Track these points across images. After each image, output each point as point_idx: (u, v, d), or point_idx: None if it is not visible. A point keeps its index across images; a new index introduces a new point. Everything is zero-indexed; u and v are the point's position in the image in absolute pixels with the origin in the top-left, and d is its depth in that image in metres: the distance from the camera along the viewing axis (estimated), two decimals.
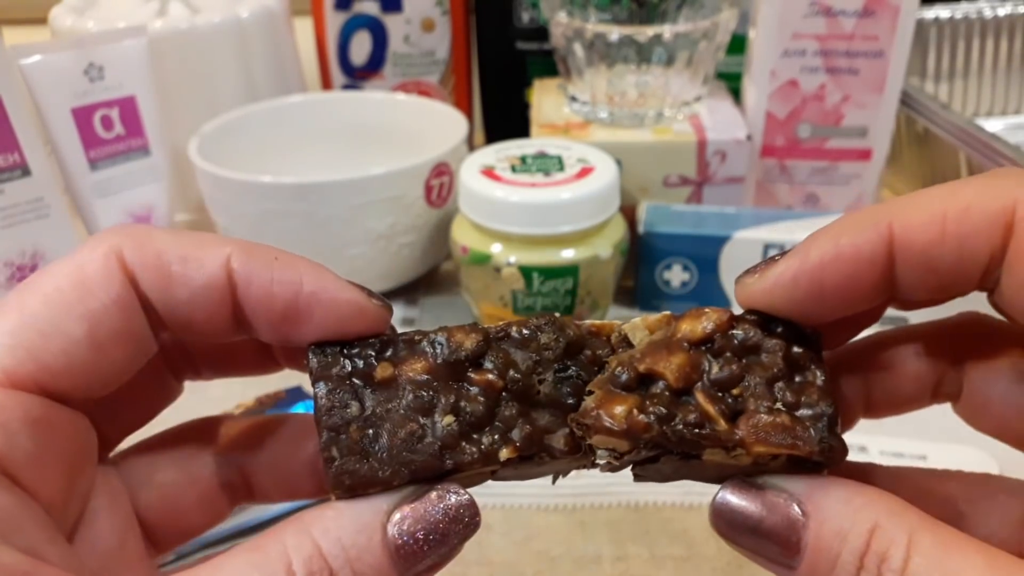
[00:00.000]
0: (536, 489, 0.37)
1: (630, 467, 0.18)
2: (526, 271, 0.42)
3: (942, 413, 0.22)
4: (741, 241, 0.46)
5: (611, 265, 0.44)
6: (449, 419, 0.17)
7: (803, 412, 0.17)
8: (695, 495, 0.36)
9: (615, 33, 0.48)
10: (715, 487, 0.18)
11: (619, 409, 0.17)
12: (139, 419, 0.20)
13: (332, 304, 0.17)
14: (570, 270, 0.42)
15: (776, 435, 0.16)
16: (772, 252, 0.46)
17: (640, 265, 0.48)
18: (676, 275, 0.48)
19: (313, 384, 0.17)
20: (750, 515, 0.17)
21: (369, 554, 0.16)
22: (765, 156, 0.53)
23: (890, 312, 0.20)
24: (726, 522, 0.17)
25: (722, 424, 0.16)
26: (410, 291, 0.52)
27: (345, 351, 0.18)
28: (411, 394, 0.17)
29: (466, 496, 0.17)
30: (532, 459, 0.17)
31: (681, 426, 0.16)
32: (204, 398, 0.26)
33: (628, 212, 0.48)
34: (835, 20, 0.49)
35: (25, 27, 0.69)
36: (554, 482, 0.20)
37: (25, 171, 0.47)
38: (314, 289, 0.17)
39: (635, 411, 0.16)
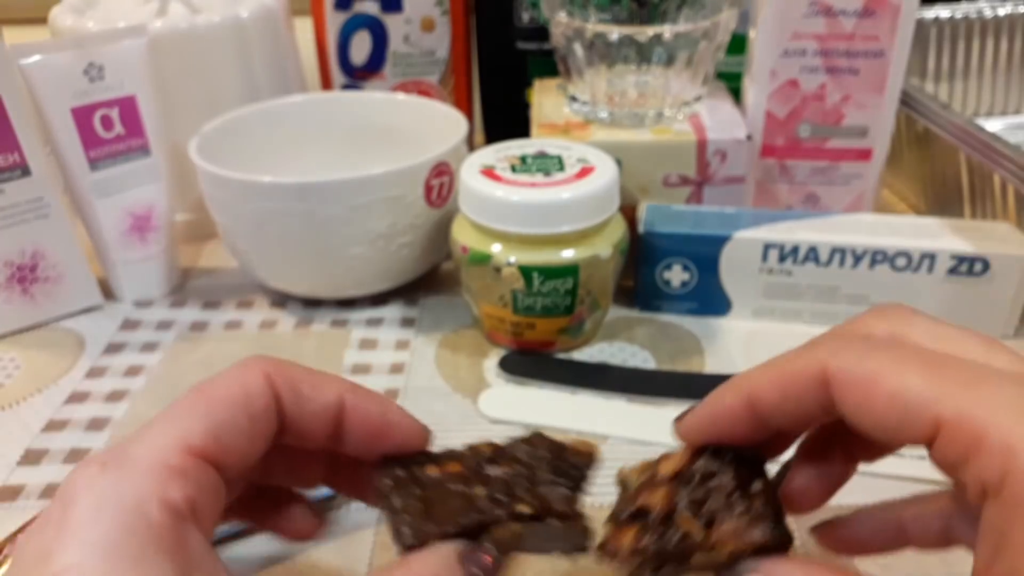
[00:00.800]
0: None
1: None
2: (526, 271, 0.42)
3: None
4: (741, 241, 0.46)
5: (611, 265, 0.44)
6: (480, 489, 0.24)
7: (755, 514, 0.22)
8: None
9: (615, 33, 0.48)
10: None
11: (626, 542, 0.23)
12: (236, 488, 0.27)
13: (403, 428, 0.26)
14: (570, 270, 0.42)
15: (737, 535, 0.22)
16: (772, 252, 0.46)
17: (640, 265, 0.48)
18: (676, 275, 0.48)
19: (378, 481, 0.25)
20: None
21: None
22: (765, 156, 0.53)
23: None
24: None
25: (701, 534, 0.22)
26: (410, 291, 0.52)
27: (402, 463, 0.25)
28: (454, 480, 0.24)
29: (500, 556, 0.23)
30: (544, 520, 0.23)
31: (672, 540, 0.22)
32: None
33: (628, 212, 0.48)
34: (835, 20, 0.49)
35: (25, 27, 0.69)
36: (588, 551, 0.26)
37: (25, 171, 0.47)
38: (395, 420, 0.26)
39: (636, 540, 0.23)
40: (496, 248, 0.42)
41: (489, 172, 0.43)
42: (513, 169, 0.43)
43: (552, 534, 0.24)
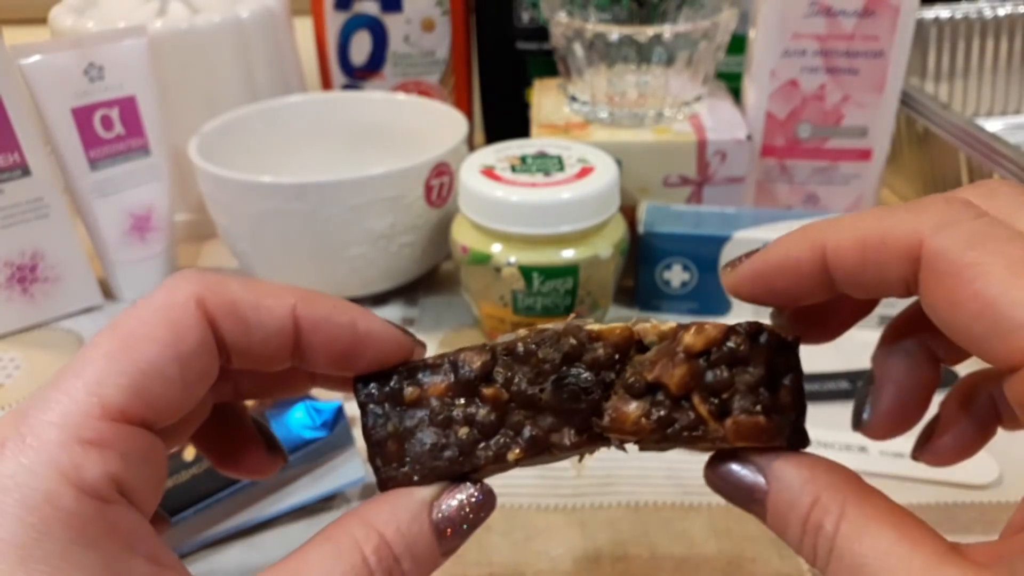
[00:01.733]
0: (536, 489, 0.37)
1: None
2: (526, 271, 0.42)
3: None
4: (741, 241, 0.46)
5: (611, 265, 0.44)
6: (464, 430, 0.21)
7: (777, 413, 0.20)
8: (695, 495, 0.36)
9: (615, 33, 0.48)
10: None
11: (631, 416, 0.21)
12: (184, 435, 0.23)
13: (380, 341, 0.21)
14: (570, 270, 0.42)
15: (754, 433, 0.20)
16: None
17: (640, 265, 0.48)
18: (676, 275, 0.48)
19: (360, 409, 0.21)
20: (734, 478, 0.21)
21: (422, 538, 0.20)
22: (765, 156, 0.53)
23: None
24: (720, 479, 0.21)
25: (712, 424, 0.20)
26: (410, 291, 0.52)
27: (382, 381, 0.21)
28: (434, 411, 0.21)
29: (486, 487, 0.21)
30: (544, 452, 0.21)
31: (679, 428, 0.20)
32: None
33: (628, 212, 0.48)
34: (835, 20, 0.49)
35: (25, 27, 0.69)
36: (580, 460, 0.24)
37: (25, 171, 0.47)
38: (367, 330, 0.21)
39: (643, 419, 0.20)
40: (496, 248, 0.42)
41: (489, 172, 0.43)
42: (513, 169, 0.43)
43: (560, 456, 0.22)
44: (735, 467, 0.21)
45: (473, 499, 0.21)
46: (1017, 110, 0.67)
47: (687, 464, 0.38)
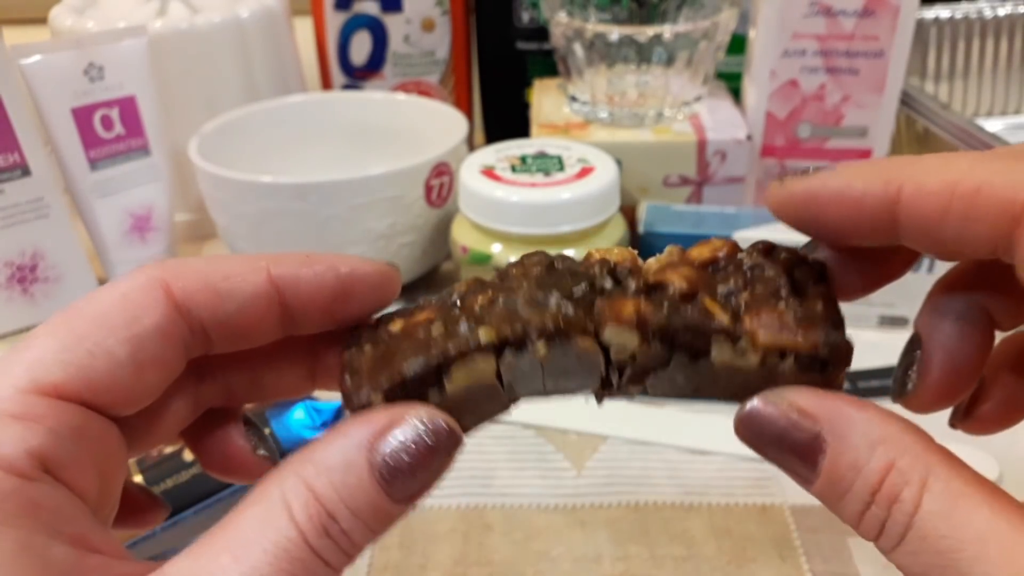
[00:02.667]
0: (536, 489, 0.37)
1: (643, 382, 0.18)
2: None
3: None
4: (741, 241, 0.46)
5: None
6: (439, 327, 0.18)
7: (805, 314, 0.17)
8: (695, 495, 0.36)
9: (615, 33, 0.48)
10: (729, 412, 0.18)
11: (629, 305, 0.17)
12: (164, 438, 0.22)
13: (366, 277, 0.20)
14: None
15: (780, 328, 0.17)
16: None
17: None
18: None
19: (343, 350, 0.19)
20: (774, 428, 0.17)
21: (359, 490, 0.17)
22: (765, 156, 0.53)
23: None
24: (752, 431, 0.18)
25: (726, 317, 0.17)
26: (410, 291, 0.52)
27: (369, 328, 0.19)
28: (413, 330, 0.18)
29: (437, 419, 0.17)
30: (525, 349, 0.17)
31: (686, 319, 0.17)
32: None
33: (628, 212, 0.48)
34: (835, 20, 0.49)
35: (25, 27, 0.69)
36: (599, 402, 0.19)
37: (25, 171, 0.47)
38: (349, 269, 0.20)
39: (643, 306, 0.17)
40: (496, 248, 0.42)
41: (489, 172, 0.43)
42: (513, 169, 0.43)
43: (541, 369, 0.18)
44: (775, 410, 0.17)
45: (418, 430, 0.17)
46: (1017, 110, 0.67)
47: (688, 464, 0.38)
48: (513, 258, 0.20)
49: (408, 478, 0.17)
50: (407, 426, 0.17)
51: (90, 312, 0.18)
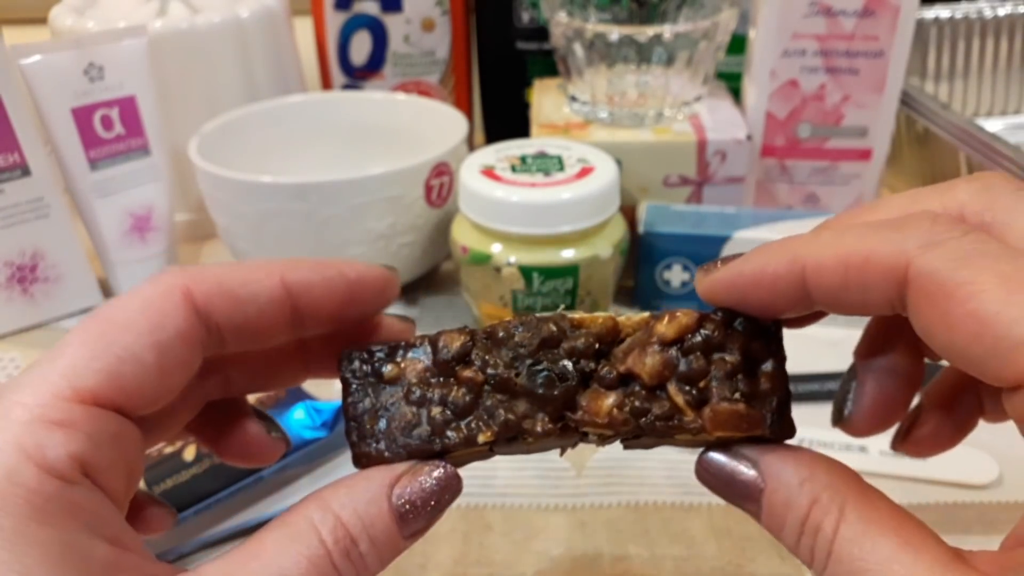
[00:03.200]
0: (536, 489, 0.37)
1: (619, 441, 0.22)
2: (526, 271, 0.42)
3: None
4: (741, 241, 0.46)
5: (611, 265, 0.44)
6: (438, 410, 0.21)
7: (758, 400, 0.20)
8: (695, 495, 0.36)
9: (615, 33, 0.48)
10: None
11: (604, 406, 0.20)
12: (172, 433, 0.23)
13: (369, 281, 0.22)
14: (570, 270, 0.42)
15: (733, 421, 0.20)
16: None
17: (640, 265, 0.48)
18: (676, 275, 0.48)
19: (342, 384, 0.21)
20: (726, 473, 0.20)
21: (379, 520, 0.20)
22: (765, 156, 0.53)
23: None
24: (708, 474, 0.21)
25: (689, 414, 0.20)
26: (410, 291, 0.52)
27: (365, 357, 0.21)
28: (411, 389, 0.21)
29: (450, 469, 0.20)
30: (517, 440, 0.20)
31: (653, 419, 0.20)
32: None
33: (628, 212, 0.48)
34: (835, 20, 0.49)
35: (25, 27, 0.69)
36: (561, 454, 0.23)
37: (25, 171, 0.47)
38: (357, 275, 0.22)
39: (615, 410, 0.20)
40: (496, 248, 0.42)
41: (489, 172, 0.43)
42: (513, 169, 0.43)
43: (535, 444, 0.21)
44: (723, 459, 0.20)
45: (434, 481, 0.20)
46: (1017, 110, 0.67)
47: (687, 464, 0.38)
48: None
49: (418, 516, 0.20)
50: (424, 476, 0.20)
51: (117, 319, 0.19)
